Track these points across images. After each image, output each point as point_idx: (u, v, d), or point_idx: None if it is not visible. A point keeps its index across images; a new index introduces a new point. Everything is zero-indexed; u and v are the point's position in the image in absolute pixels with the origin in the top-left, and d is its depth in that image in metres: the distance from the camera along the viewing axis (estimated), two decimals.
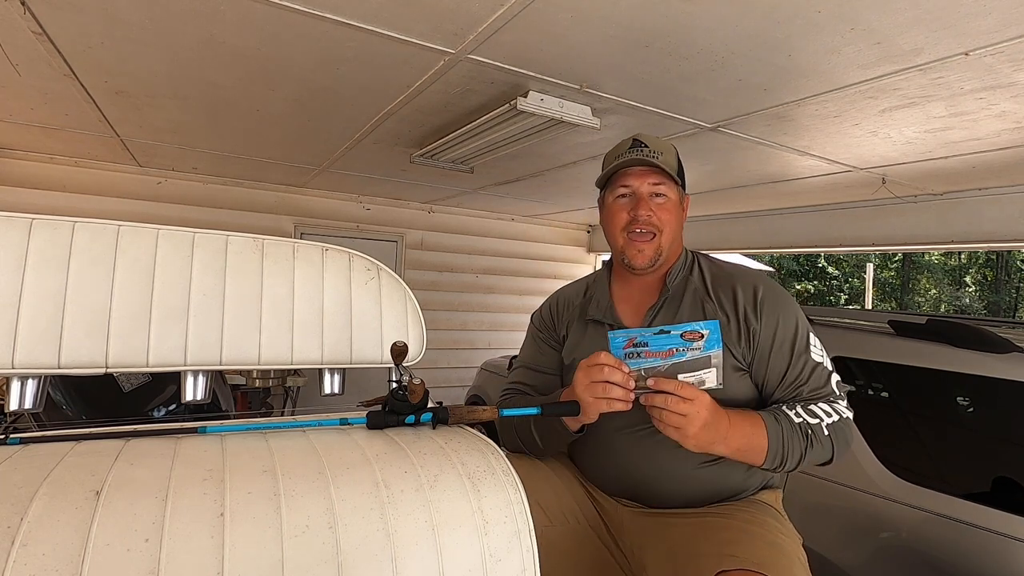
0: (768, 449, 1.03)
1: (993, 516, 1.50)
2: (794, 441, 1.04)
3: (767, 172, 3.00)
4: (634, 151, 1.18)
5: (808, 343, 1.14)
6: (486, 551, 0.69)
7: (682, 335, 1.00)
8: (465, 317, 5.19)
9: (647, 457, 1.14)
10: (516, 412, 1.09)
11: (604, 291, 1.29)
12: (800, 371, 1.12)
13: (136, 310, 0.90)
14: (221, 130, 2.79)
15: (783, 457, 1.04)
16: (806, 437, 1.05)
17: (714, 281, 1.21)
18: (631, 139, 1.21)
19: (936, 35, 1.43)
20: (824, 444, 1.07)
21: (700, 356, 1.01)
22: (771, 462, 1.04)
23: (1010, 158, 2.43)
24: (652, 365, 1.01)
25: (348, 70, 1.90)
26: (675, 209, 1.20)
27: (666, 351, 1.00)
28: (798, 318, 1.15)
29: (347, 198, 4.58)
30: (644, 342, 1.00)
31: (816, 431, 1.06)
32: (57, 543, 0.55)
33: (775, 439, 1.03)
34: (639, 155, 1.16)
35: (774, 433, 1.03)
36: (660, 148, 1.19)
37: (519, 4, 1.40)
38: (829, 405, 1.10)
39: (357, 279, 1.07)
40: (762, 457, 1.04)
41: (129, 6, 1.51)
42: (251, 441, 0.80)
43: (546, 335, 1.35)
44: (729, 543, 0.98)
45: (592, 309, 1.27)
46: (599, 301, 1.28)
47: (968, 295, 17.76)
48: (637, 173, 1.18)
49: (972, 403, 1.83)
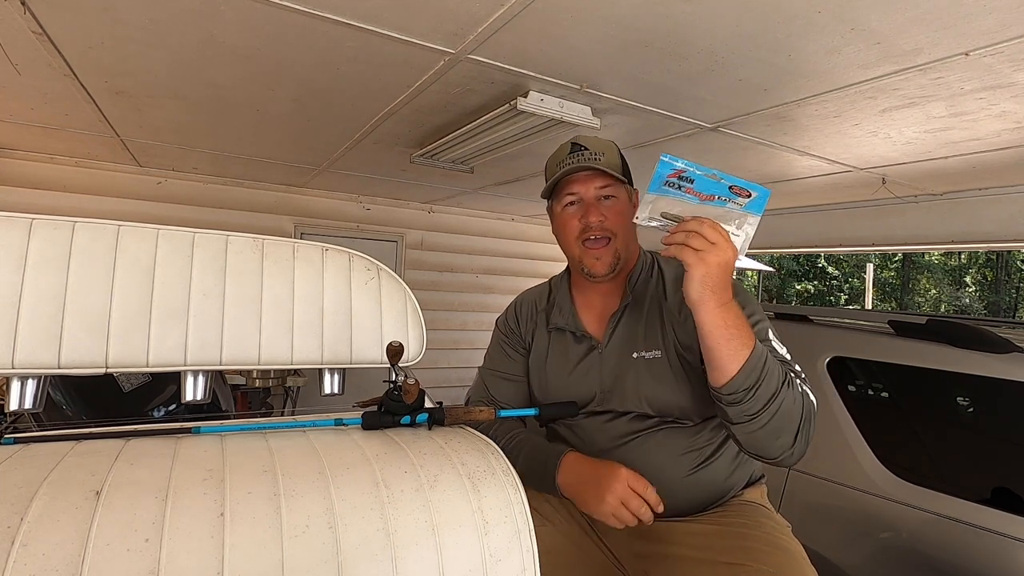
0: (755, 348, 0.94)
1: (993, 516, 1.50)
2: (773, 365, 0.97)
3: (767, 172, 3.00)
4: (575, 156, 1.16)
5: (767, 334, 1.10)
6: (486, 551, 0.69)
7: (731, 187, 0.96)
8: (465, 317, 5.19)
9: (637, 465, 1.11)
10: (515, 413, 1.09)
11: (566, 298, 1.28)
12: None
13: (136, 310, 0.90)
14: (221, 130, 2.79)
15: (762, 371, 0.94)
16: (784, 375, 0.98)
17: (670, 279, 1.20)
18: (570, 143, 1.20)
19: (936, 35, 1.42)
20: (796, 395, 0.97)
21: (737, 212, 0.98)
22: (749, 372, 0.93)
23: (1010, 158, 2.42)
24: (688, 201, 0.97)
25: (348, 70, 1.90)
26: (626, 209, 1.19)
27: (708, 195, 0.96)
28: (758, 311, 1.13)
29: (347, 198, 4.58)
30: (691, 178, 0.96)
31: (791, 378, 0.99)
32: (57, 543, 0.55)
33: (759, 348, 0.96)
34: (580, 159, 1.15)
35: (759, 346, 0.96)
36: (600, 148, 1.17)
37: (519, 4, 1.40)
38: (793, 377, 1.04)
39: (357, 279, 1.07)
40: (745, 354, 0.93)
41: (129, 6, 1.51)
42: (251, 441, 0.80)
43: (512, 340, 1.34)
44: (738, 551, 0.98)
45: (555, 317, 1.27)
46: (562, 308, 1.27)
47: (968, 295, 17.75)
48: (582, 179, 1.17)
49: (972, 403, 1.83)
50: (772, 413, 0.95)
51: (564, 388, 1.23)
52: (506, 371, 1.32)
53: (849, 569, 1.74)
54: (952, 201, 3.16)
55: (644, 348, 1.16)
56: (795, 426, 0.97)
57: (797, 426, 0.97)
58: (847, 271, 18.62)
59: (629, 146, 2.66)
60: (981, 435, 1.79)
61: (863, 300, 11.46)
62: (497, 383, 1.32)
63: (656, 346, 1.15)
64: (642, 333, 1.17)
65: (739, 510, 1.12)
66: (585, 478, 1.04)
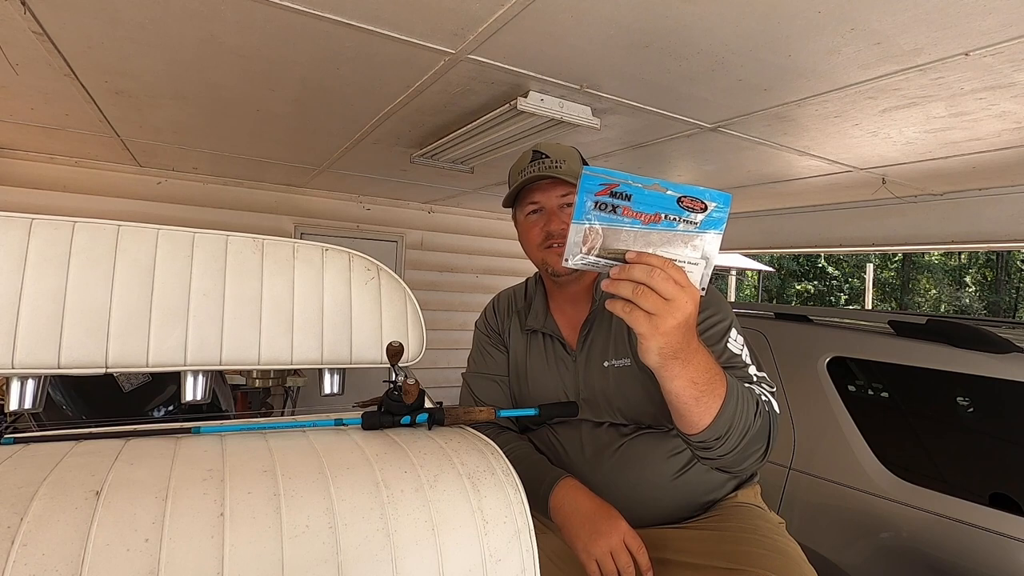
0: (727, 395, 0.85)
1: (993, 516, 1.50)
2: (746, 396, 0.91)
3: (767, 172, 3.00)
4: (535, 164, 1.16)
5: (728, 335, 1.08)
6: (486, 551, 0.69)
7: (680, 200, 0.72)
8: (465, 317, 5.19)
9: (622, 474, 1.12)
10: (513, 413, 1.09)
11: (542, 302, 1.29)
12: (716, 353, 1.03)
13: (136, 310, 0.90)
14: (221, 130, 2.79)
15: (734, 417, 0.87)
16: (757, 405, 0.93)
17: None
18: (531, 151, 1.20)
19: (936, 35, 1.43)
20: (763, 422, 0.93)
21: (693, 234, 0.74)
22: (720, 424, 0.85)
23: (1010, 158, 2.43)
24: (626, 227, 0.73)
25: (348, 70, 1.90)
26: None
27: (652, 215, 0.73)
28: (721, 311, 1.11)
29: (347, 198, 4.58)
30: (627, 193, 0.71)
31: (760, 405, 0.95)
32: (57, 543, 0.55)
33: (732, 384, 0.88)
34: (541, 168, 1.15)
35: (731, 379, 0.88)
36: (561, 156, 1.17)
37: (519, 4, 1.40)
38: (753, 386, 1.02)
39: (357, 279, 1.07)
40: (716, 407, 0.84)
41: (129, 6, 1.51)
42: (251, 441, 0.80)
43: (494, 339, 1.35)
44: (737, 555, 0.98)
45: (531, 319, 1.27)
46: (537, 311, 1.27)
47: (968, 295, 17.76)
48: (543, 187, 1.17)
49: (972, 403, 1.83)
50: (740, 449, 0.91)
51: (543, 390, 1.23)
52: (489, 371, 1.32)
53: (849, 569, 1.74)
54: (952, 201, 3.16)
55: (614, 356, 1.16)
56: (762, 446, 0.95)
57: (765, 446, 0.95)
58: (847, 271, 18.63)
59: (629, 146, 2.66)
60: (981, 435, 1.79)
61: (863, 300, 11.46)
62: (481, 384, 1.32)
63: (625, 354, 1.15)
64: (611, 341, 1.17)
65: (733, 513, 1.11)
66: (583, 512, 1.01)
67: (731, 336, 1.10)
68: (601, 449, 1.14)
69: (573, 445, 1.17)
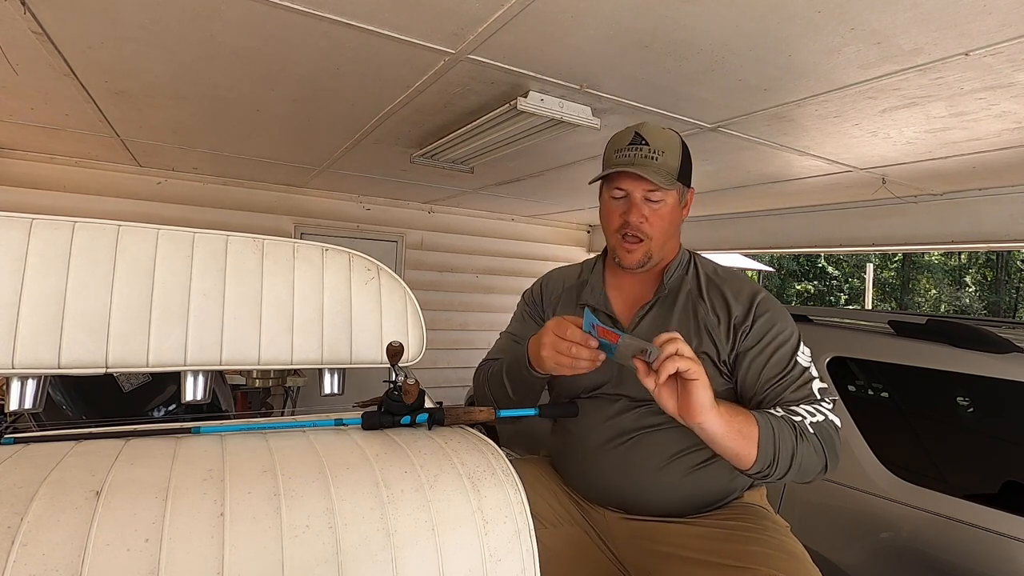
0: (759, 438, 0.95)
1: (993, 516, 1.50)
2: (784, 432, 0.98)
3: (767, 172, 3.00)
4: (633, 149, 1.14)
5: (797, 350, 1.11)
6: (486, 551, 0.69)
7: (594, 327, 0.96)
8: (465, 317, 5.19)
9: (635, 468, 1.13)
10: (513, 413, 1.09)
11: (599, 278, 1.28)
12: (783, 372, 1.09)
13: (136, 310, 0.90)
14: (221, 130, 2.79)
15: (775, 450, 0.96)
16: (794, 428, 0.99)
17: (708, 283, 1.20)
18: (633, 132, 1.17)
19: (936, 35, 1.42)
20: (812, 442, 1.00)
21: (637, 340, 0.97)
22: (763, 457, 0.95)
23: (1010, 158, 2.42)
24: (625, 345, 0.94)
25: (348, 70, 1.90)
26: (670, 213, 1.17)
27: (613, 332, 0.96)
28: (790, 327, 1.14)
29: (347, 198, 4.58)
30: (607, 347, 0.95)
31: (801, 428, 1.00)
32: (57, 543, 0.55)
33: (765, 427, 0.96)
34: (637, 156, 1.13)
35: (763, 422, 0.97)
36: (661, 145, 1.14)
37: (519, 4, 1.40)
38: (811, 406, 1.06)
39: (357, 279, 1.07)
40: (754, 448, 0.95)
41: (129, 6, 1.51)
42: (251, 441, 0.80)
43: (532, 310, 1.36)
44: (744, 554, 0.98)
45: (586, 294, 1.27)
46: (593, 288, 1.27)
47: (968, 295, 17.76)
48: (633, 175, 1.14)
49: (972, 403, 1.83)
50: (796, 469, 0.99)
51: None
52: (519, 335, 1.34)
53: (849, 569, 1.74)
54: (952, 201, 3.16)
55: None
56: (821, 459, 1.02)
57: (823, 456, 1.02)
58: (847, 271, 18.63)
59: None
60: (981, 435, 1.79)
61: (863, 300, 11.46)
62: (508, 344, 1.35)
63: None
64: (671, 328, 1.16)
65: (741, 512, 1.12)
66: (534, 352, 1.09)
67: (801, 351, 1.12)
68: (623, 432, 1.14)
69: (597, 420, 1.17)
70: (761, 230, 4.27)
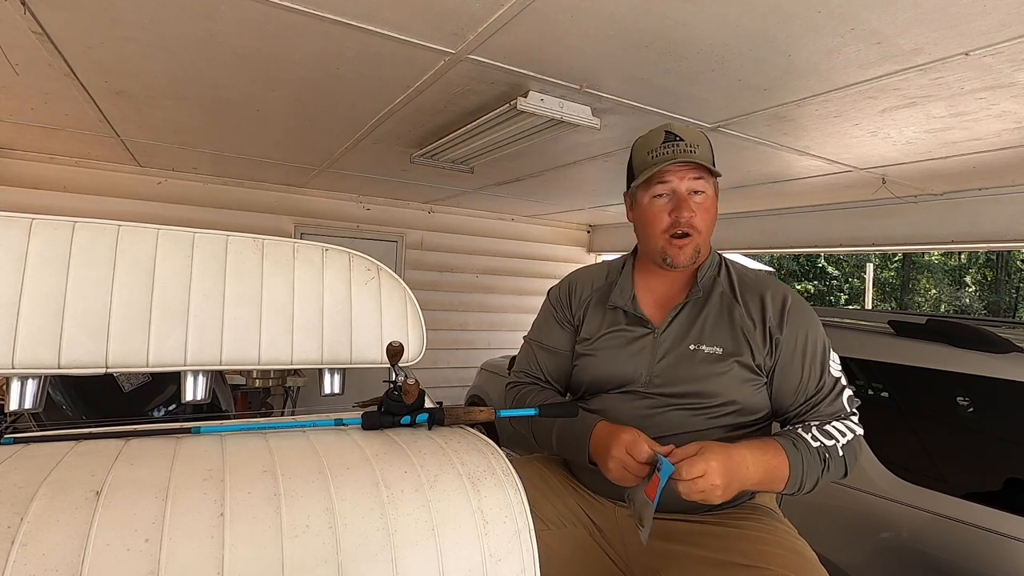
0: (789, 477, 1.03)
1: (994, 516, 1.50)
2: (813, 466, 1.05)
3: (767, 172, 3.00)
4: (669, 146, 1.12)
5: (828, 358, 1.13)
6: (486, 551, 0.69)
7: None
8: (465, 317, 5.19)
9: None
10: (513, 413, 1.09)
11: (628, 280, 1.26)
12: (818, 385, 1.11)
13: (136, 310, 0.90)
14: (221, 130, 2.79)
15: (802, 482, 1.04)
16: (823, 460, 1.05)
17: (742, 286, 1.19)
18: (663, 132, 1.15)
19: (936, 35, 1.43)
20: (839, 464, 1.07)
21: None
22: (791, 488, 1.04)
23: (1010, 158, 2.43)
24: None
25: (348, 70, 1.90)
26: (713, 206, 1.17)
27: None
28: (821, 334, 1.15)
29: (347, 198, 4.58)
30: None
31: (832, 452, 1.06)
32: (57, 543, 0.55)
33: (796, 466, 1.03)
34: (676, 150, 1.11)
35: (795, 460, 1.03)
36: (695, 140, 1.13)
37: (519, 4, 1.40)
38: (843, 423, 1.09)
39: (357, 279, 1.07)
40: (783, 484, 1.03)
41: (129, 6, 1.51)
42: (251, 441, 0.80)
43: (561, 315, 1.33)
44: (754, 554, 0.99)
45: (615, 296, 1.25)
46: (623, 289, 1.25)
47: (968, 295, 17.76)
48: (675, 170, 1.12)
49: (972, 403, 1.83)
50: (822, 483, 1.07)
51: (612, 366, 1.21)
52: (551, 344, 1.32)
53: (849, 569, 1.74)
54: (952, 201, 3.16)
55: (703, 343, 1.15)
56: (842, 474, 1.09)
57: (844, 472, 1.09)
58: (847, 271, 18.63)
59: (629, 146, 2.66)
60: (981, 435, 1.78)
61: (863, 300, 11.46)
62: (542, 355, 1.33)
63: (718, 344, 1.14)
64: (704, 328, 1.16)
65: (751, 513, 1.12)
66: (599, 442, 1.08)
67: (831, 359, 1.14)
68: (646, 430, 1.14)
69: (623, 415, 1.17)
70: (761, 230, 4.27)
